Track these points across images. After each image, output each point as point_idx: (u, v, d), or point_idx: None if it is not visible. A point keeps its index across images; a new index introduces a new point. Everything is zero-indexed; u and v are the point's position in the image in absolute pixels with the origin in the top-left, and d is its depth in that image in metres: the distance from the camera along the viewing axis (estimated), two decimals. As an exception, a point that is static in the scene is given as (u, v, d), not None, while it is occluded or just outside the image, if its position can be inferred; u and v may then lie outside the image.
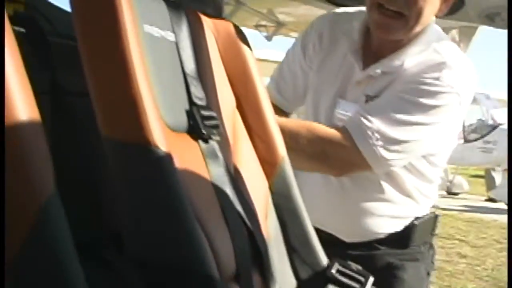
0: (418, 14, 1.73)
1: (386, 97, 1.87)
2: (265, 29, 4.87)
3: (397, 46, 1.88)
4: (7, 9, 1.20)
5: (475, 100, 14.26)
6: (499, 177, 12.52)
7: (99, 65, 1.09)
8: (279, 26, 4.62)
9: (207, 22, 1.57)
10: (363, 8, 2.01)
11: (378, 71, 1.90)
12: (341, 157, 1.82)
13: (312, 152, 1.82)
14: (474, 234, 9.15)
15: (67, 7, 1.19)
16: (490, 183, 12.97)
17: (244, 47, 1.62)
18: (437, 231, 2.18)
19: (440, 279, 6.29)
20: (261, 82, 1.63)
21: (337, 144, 1.80)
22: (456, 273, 6.71)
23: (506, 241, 8.70)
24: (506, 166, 12.19)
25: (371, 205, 1.99)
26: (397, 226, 2.03)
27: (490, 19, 2.46)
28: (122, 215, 1.06)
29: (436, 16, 1.89)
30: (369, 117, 1.80)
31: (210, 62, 1.51)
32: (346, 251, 2.02)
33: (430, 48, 1.87)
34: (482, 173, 14.13)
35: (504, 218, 10.34)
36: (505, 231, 9.25)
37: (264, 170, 1.57)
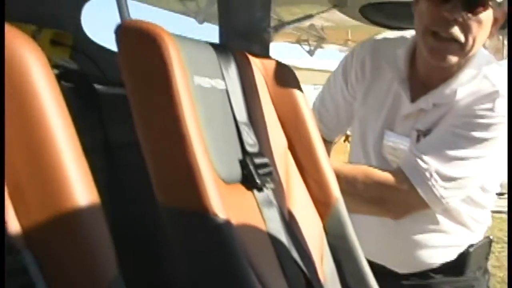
0: (474, 40, 1.70)
1: (439, 133, 1.81)
2: (307, 43, 4.87)
3: (447, 74, 1.82)
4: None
5: None
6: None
7: (152, 128, 1.09)
8: (321, 40, 4.61)
9: (256, 63, 1.56)
10: (404, 34, 1.97)
11: (430, 104, 1.84)
12: (400, 201, 1.79)
13: (369, 197, 1.79)
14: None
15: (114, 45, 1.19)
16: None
17: (294, 86, 1.61)
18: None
19: (492, 286, 6.18)
20: (313, 122, 1.60)
21: (395, 189, 1.76)
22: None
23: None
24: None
25: (425, 237, 1.95)
26: (451, 255, 1.99)
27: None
28: (181, 285, 1.05)
29: (489, 38, 1.85)
30: (424, 157, 1.75)
31: (261, 105, 1.50)
32: (400, 282, 2.00)
33: (481, 73, 1.81)
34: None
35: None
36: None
37: (318, 210, 1.56)
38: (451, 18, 1.65)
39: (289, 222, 1.41)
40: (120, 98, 1.16)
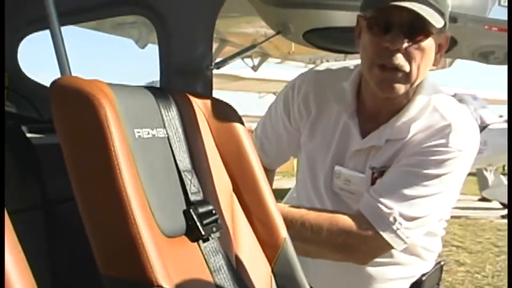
0: (418, 68, 1.68)
1: (395, 174, 1.78)
2: (251, 59, 4.87)
3: (397, 106, 1.80)
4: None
5: (462, 101, 14.35)
6: (492, 177, 12.53)
7: (88, 193, 1.06)
8: (265, 56, 4.60)
9: (197, 104, 1.53)
10: (347, 65, 1.96)
11: (382, 140, 1.81)
12: (366, 248, 1.75)
13: (335, 245, 1.74)
14: (470, 239, 9.10)
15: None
16: (483, 183, 12.96)
17: (237, 125, 1.58)
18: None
19: (441, 292, 6.27)
20: (257, 160, 1.58)
21: (360, 236, 1.72)
22: (456, 283, 6.66)
23: (503, 244, 8.72)
24: (498, 165, 12.23)
25: (379, 270, 1.93)
26: (405, 286, 1.99)
27: (484, 57, 2.43)
28: None
29: (434, 65, 1.84)
30: (385, 201, 1.72)
31: (204, 149, 1.47)
32: None
33: (430, 105, 1.80)
34: (473, 170, 14.13)
35: (498, 218, 10.35)
36: (501, 233, 9.27)
37: (265, 253, 1.54)
38: (393, 48, 1.64)
39: (237, 269, 1.39)
40: (59, 147, 1.12)
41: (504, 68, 2.57)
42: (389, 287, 1.97)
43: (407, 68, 1.66)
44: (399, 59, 1.65)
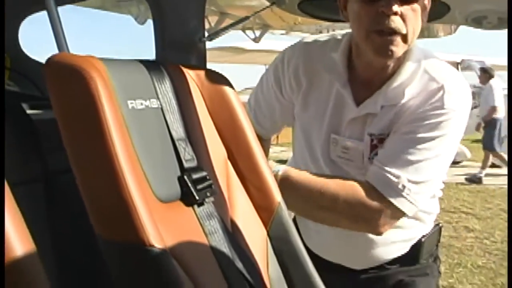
0: (413, 29, 1.71)
1: (398, 142, 1.80)
2: (252, 30, 4.89)
3: (388, 72, 1.83)
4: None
5: (469, 67, 14.26)
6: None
7: (83, 162, 1.12)
8: (266, 27, 4.62)
9: (191, 75, 1.58)
10: (335, 35, 1.99)
11: (378, 107, 1.84)
12: (381, 219, 1.78)
13: (351, 215, 1.79)
14: (480, 205, 9.09)
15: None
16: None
17: (230, 95, 1.63)
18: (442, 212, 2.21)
19: (450, 257, 6.29)
20: (251, 128, 1.64)
21: (374, 207, 1.75)
22: (465, 249, 6.69)
23: (513, 209, 8.72)
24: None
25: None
26: (406, 248, 2.04)
27: (477, 22, 2.45)
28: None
29: (421, 25, 1.86)
30: (392, 170, 1.75)
31: (198, 118, 1.52)
32: (356, 275, 2.06)
33: (421, 68, 1.83)
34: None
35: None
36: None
37: (261, 217, 1.59)
38: (390, 12, 1.65)
39: (232, 233, 1.45)
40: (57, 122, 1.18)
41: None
42: (391, 250, 2.03)
43: (404, 30, 1.68)
44: (397, 22, 1.67)
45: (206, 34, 1.79)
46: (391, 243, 2.01)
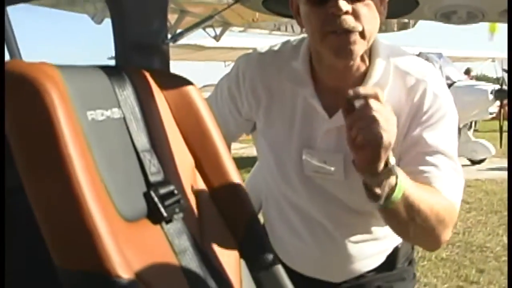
0: (370, 24, 1.62)
1: (418, 155, 1.67)
2: (212, 28, 4.79)
3: (356, 75, 1.72)
4: None
5: (428, 59, 14.41)
6: (459, 133, 12.68)
7: (40, 184, 1.01)
8: (226, 25, 4.54)
9: (155, 80, 1.48)
10: (291, 41, 1.88)
11: None
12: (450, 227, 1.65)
13: (434, 230, 1.60)
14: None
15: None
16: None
17: (196, 100, 1.54)
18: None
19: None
20: (219, 136, 1.55)
21: (453, 218, 1.64)
22: (428, 241, 6.76)
23: (472, 200, 8.83)
24: (465, 122, 12.31)
25: (358, 248, 1.91)
26: (383, 258, 1.99)
27: (446, 18, 2.40)
28: None
29: (381, 19, 1.77)
30: (438, 170, 1.62)
31: (163, 127, 1.43)
32: (335, 286, 1.98)
33: (391, 66, 1.74)
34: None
35: (470, 175, 10.38)
36: (471, 189, 9.37)
37: (232, 230, 1.50)
38: (340, 12, 1.56)
39: (203, 249, 1.36)
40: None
41: (467, 26, 2.56)
42: (368, 263, 1.96)
43: (359, 27, 1.60)
44: (349, 21, 1.58)
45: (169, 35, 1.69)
46: (368, 257, 1.96)
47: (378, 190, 1.43)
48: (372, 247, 1.92)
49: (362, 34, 1.61)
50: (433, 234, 1.59)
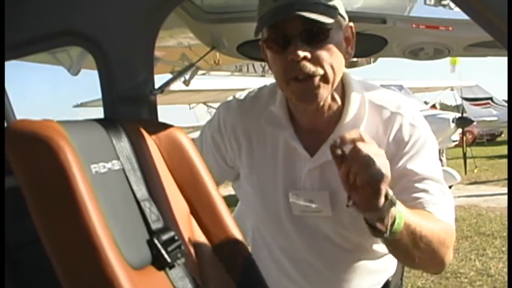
0: (332, 67, 1.63)
1: (408, 184, 1.70)
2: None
3: (332, 113, 1.75)
4: None
5: (389, 92, 14.62)
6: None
7: (59, 237, 1.05)
8: (196, 69, 4.59)
9: (147, 131, 1.54)
10: (268, 86, 1.92)
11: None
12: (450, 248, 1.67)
13: (439, 256, 1.64)
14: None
15: None
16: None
17: (187, 147, 1.59)
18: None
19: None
20: (211, 181, 1.60)
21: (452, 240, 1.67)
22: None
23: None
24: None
25: (351, 285, 1.93)
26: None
27: (414, 54, 2.51)
28: None
29: (348, 59, 1.76)
30: (429, 195, 1.67)
31: (158, 175, 1.48)
32: None
33: (366, 100, 1.77)
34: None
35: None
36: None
37: (229, 271, 1.54)
38: (299, 58, 1.58)
39: (204, 290, 1.40)
40: (14, 191, 1.11)
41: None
42: None
43: (320, 71, 1.62)
44: (309, 66, 1.61)
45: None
46: None
47: (381, 226, 1.47)
48: (364, 282, 1.95)
49: (324, 78, 1.64)
50: (437, 256, 1.62)
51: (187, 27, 2.42)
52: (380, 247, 1.89)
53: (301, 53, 1.58)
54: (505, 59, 1.22)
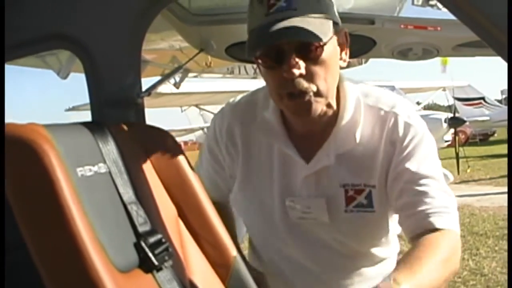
0: (326, 81, 1.59)
1: (407, 187, 1.67)
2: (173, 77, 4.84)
3: (326, 119, 1.71)
4: None
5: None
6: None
7: (44, 242, 1.06)
8: (185, 71, 4.58)
9: (133, 133, 1.53)
10: (263, 90, 1.85)
11: (332, 158, 1.73)
12: (458, 253, 1.64)
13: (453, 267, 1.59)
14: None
15: None
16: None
17: (174, 149, 1.59)
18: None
19: None
20: (199, 183, 1.60)
21: (455, 250, 1.61)
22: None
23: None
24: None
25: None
26: None
27: (403, 55, 2.51)
28: None
29: (344, 67, 1.72)
30: (429, 197, 1.63)
31: (145, 178, 1.48)
32: None
33: (361, 103, 1.73)
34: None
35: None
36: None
37: (218, 274, 1.54)
38: (294, 76, 1.55)
39: (193, 294, 1.40)
40: None
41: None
42: None
43: (314, 87, 1.58)
44: (302, 83, 1.57)
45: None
46: None
47: None
48: (363, 287, 1.91)
49: (318, 92, 1.60)
50: (450, 278, 1.58)
51: (175, 29, 2.41)
52: (378, 251, 1.89)
53: (297, 71, 1.54)
54: (495, 59, 1.23)
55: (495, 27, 1.07)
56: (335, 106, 1.72)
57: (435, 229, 1.61)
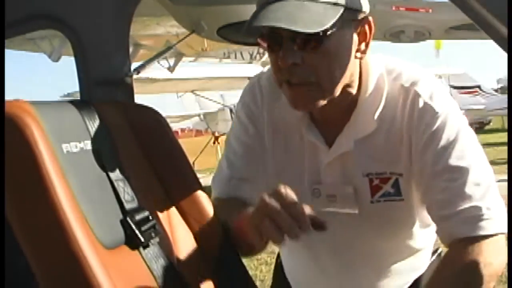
0: (329, 73, 1.46)
1: (439, 183, 1.51)
2: (166, 60, 4.84)
3: (343, 105, 1.58)
4: None
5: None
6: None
7: (27, 216, 1.06)
8: (179, 55, 4.58)
9: (121, 111, 1.53)
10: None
11: (350, 143, 1.60)
12: (499, 259, 1.46)
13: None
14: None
15: None
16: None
17: (162, 127, 1.59)
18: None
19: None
20: (187, 160, 1.60)
21: (486, 260, 1.43)
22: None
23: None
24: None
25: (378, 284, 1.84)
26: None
27: (395, 37, 2.51)
28: None
29: (361, 57, 1.53)
30: (466, 207, 1.47)
31: (132, 156, 1.48)
32: None
33: (383, 85, 1.58)
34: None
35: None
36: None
37: (205, 250, 1.54)
38: (286, 65, 1.42)
39: (179, 271, 1.40)
40: None
41: (413, 46, 2.68)
42: None
43: (312, 78, 1.45)
44: (298, 73, 1.44)
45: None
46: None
47: None
48: (391, 281, 1.85)
49: (319, 85, 1.47)
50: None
51: (167, 11, 2.41)
52: (407, 245, 1.79)
53: (290, 60, 1.42)
54: (492, 48, 1.20)
55: (495, 18, 1.06)
56: (355, 89, 1.58)
57: (466, 238, 1.46)
